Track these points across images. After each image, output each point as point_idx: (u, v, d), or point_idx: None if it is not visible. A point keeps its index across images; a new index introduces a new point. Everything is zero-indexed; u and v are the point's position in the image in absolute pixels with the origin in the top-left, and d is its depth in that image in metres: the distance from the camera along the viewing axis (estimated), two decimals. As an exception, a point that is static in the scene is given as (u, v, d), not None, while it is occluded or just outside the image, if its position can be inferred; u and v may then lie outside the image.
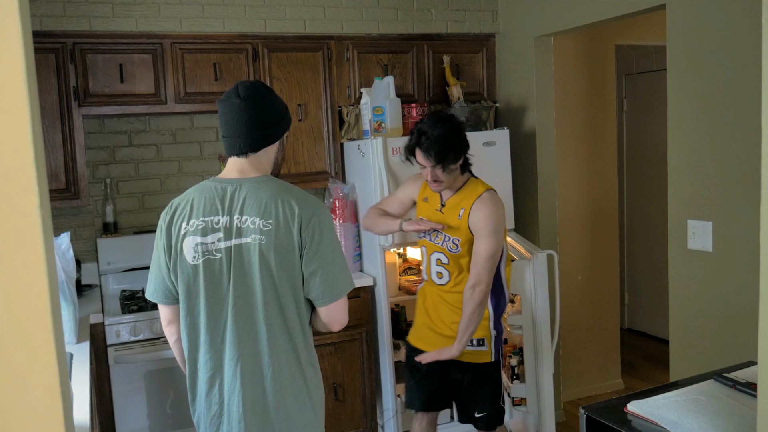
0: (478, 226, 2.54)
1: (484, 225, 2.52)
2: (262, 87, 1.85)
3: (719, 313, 2.72)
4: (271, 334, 1.78)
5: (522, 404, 3.22)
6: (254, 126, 1.81)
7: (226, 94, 1.84)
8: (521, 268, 3.12)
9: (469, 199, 2.59)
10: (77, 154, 3.16)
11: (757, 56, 1.09)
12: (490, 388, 2.71)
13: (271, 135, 1.85)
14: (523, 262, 3.13)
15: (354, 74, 3.63)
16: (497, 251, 2.55)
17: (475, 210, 2.55)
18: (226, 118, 1.82)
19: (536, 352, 3.16)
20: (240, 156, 1.84)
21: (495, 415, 2.73)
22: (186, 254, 1.80)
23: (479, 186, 2.61)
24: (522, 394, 3.21)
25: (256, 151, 1.84)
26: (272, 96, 1.86)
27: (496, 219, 2.53)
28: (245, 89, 1.82)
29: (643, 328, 5.29)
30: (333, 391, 3.38)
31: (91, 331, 2.88)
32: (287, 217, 1.75)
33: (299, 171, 3.55)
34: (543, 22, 3.58)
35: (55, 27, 3.09)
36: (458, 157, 2.54)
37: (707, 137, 2.71)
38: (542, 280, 3.13)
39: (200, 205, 1.80)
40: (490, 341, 2.67)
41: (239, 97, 1.80)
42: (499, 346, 2.71)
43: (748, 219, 2.57)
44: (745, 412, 1.41)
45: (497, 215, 2.54)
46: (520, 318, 3.16)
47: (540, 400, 3.17)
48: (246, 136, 1.81)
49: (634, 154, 5.25)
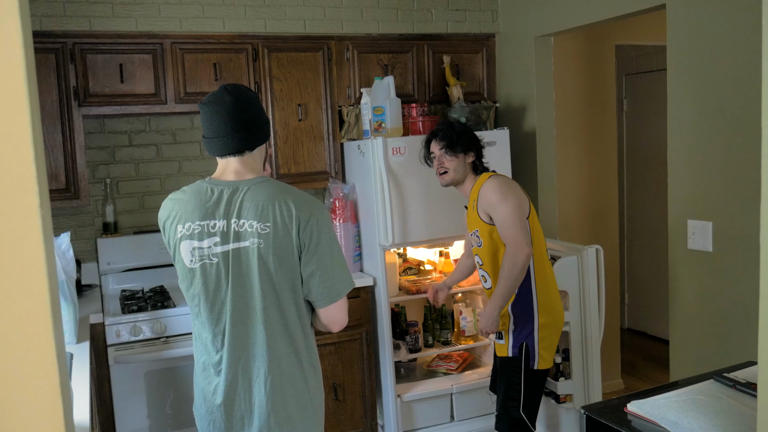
0: (487, 205, 2.59)
1: (490, 198, 2.58)
2: (247, 89, 1.86)
3: (719, 313, 2.72)
4: (270, 337, 1.77)
5: (567, 401, 3.20)
6: (250, 123, 1.80)
7: (211, 95, 1.79)
8: (569, 265, 3.09)
9: (476, 190, 2.66)
10: (77, 154, 3.16)
11: (757, 56, 1.09)
12: (504, 387, 2.67)
13: (264, 133, 1.85)
14: (571, 258, 3.10)
15: (354, 74, 3.63)
16: (518, 213, 2.54)
17: (480, 195, 2.62)
18: (218, 117, 1.77)
19: (585, 347, 3.15)
20: (235, 155, 1.80)
21: (505, 418, 2.66)
22: (183, 257, 1.79)
23: (485, 177, 2.68)
24: (570, 391, 3.18)
25: (252, 150, 1.82)
26: (257, 98, 1.87)
27: (500, 188, 2.57)
28: (235, 88, 1.80)
29: (643, 328, 5.29)
30: (333, 391, 3.38)
31: (91, 331, 2.88)
32: (285, 219, 1.73)
33: (299, 171, 3.55)
34: (543, 22, 3.58)
35: (55, 27, 3.09)
36: (466, 146, 2.66)
37: (707, 137, 2.71)
38: (591, 275, 3.11)
39: (195, 208, 1.78)
40: (508, 335, 2.65)
41: (231, 95, 1.77)
42: (519, 343, 2.62)
43: (748, 219, 2.56)
44: (745, 412, 1.41)
45: (499, 186, 2.58)
46: (568, 314, 3.11)
47: (588, 395, 3.16)
48: (242, 133, 1.78)
49: (634, 154, 5.25)
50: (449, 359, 3.69)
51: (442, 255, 3.77)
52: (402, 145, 3.29)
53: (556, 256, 3.12)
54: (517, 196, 2.59)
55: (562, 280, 3.04)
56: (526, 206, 2.62)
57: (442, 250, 3.76)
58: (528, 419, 2.64)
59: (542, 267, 2.66)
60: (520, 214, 2.55)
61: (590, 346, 3.14)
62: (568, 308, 3.11)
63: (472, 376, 3.59)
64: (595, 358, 3.15)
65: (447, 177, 2.70)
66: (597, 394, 3.17)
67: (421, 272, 3.77)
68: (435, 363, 3.70)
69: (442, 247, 3.73)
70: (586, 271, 3.10)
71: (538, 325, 2.63)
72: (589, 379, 3.16)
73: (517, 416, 2.64)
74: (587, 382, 3.16)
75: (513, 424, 2.65)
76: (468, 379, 3.56)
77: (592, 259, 3.11)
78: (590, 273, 3.10)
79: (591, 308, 3.11)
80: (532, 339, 2.62)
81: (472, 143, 2.70)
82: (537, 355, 2.62)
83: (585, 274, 3.10)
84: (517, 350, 2.63)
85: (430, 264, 3.83)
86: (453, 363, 3.66)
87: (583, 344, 3.14)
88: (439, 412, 3.49)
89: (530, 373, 2.63)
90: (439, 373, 3.63)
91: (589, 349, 3.15)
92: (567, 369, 3.17)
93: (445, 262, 3.72)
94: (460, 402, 3.50)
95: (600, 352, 3.20)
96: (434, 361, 3.72)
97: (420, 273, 3.76)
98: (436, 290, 3.00)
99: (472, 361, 3.75)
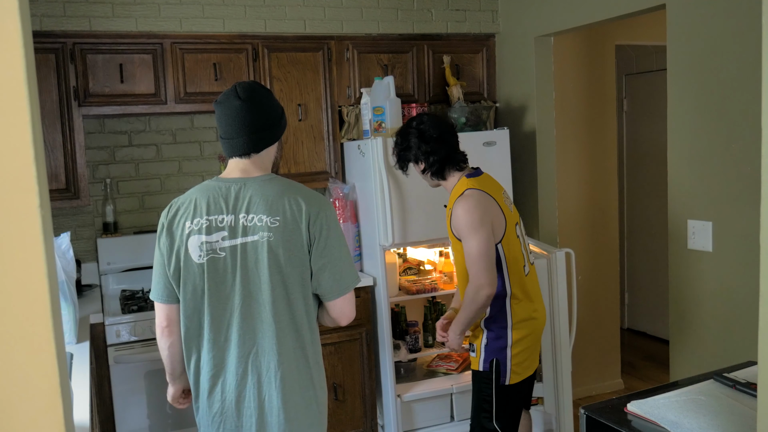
0: (457, 227, 2.46)
1: (460, 225, 2.43)
2: (260, 88, 1.86)
3: (719, 313, 2.72)
4: (280, 331, 1.79)
5: (539, 403, 3.20)
6: (256, 127, 1.82)
7: (224, 95, 1.84)
8: (538, 267, 3.06)
9: (452, 199, 2.52)
10: (77, 154, 3.16)
11: (757, 56, 1.09)
12: (476, 399, 2.60)
13: (271, 135, 1.87)
14: (541, 261, 3.11)
15: (354, 74, 3.63)
16: (485, 249, 2.38)
17: (452, 211, 2.48)
18: (226, 119, 1.82)
19: (554, 350, 3.14)
20: (242, 157, 1.85)
21: (478, 429, 2.59)
22: (192, 253, 1.80)
23: (463, 186, 2.50)
24: (540, 394, 3.18)
25: (259, 152, 1.85)
26: (271, 97, 1.87)
27: (471, 216, 2.40)
28: (244, 90, 1.82)
29: (643, 328, 5.29)
30: (333, 391, 3.38)
31: (91, 331, 2.88)
32: (294, 213, 1.77)
33: (299, 171, 3.55)
34: (543, 22, 3.58)
35: (55, 27, 3.09)
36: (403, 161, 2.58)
37: (707, 137, 2.71)
38: (561, 278, 3.11)
39: (204, 204, 1.81)
40: (480, 348, 2.55)
41: (239, 98, 1.80)
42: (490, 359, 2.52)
43: (748, 219, 2.56)
44: (745, 412, 1.41)
45: (470, 212, 2.41)
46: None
47: (559, 398, 3.16)
48: (248, 136, 1.82)
49: (634, 154, 5.25)
50: (449, 359, 3.69)
51: (442, 255, 3.77)
52: (402, 145, 3.29)
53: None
54: (487, 224, 2.40)
55: None
56: (500, 229, 2.46)
57: (442, 250, 3.76)
58: (503, 430, 2.56)
59: (519, 284, 2.52)
60: (488, 248, 2.39)
61: (560, 350, 3.13)
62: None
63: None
64: (566, 362, 3.13)
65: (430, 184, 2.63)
66: (567, 397, 3.16)
67: (421, 272, 3.77)
68: (435, 363, 3.69)
69: (442, 247, 3.73)
70: (555, 274, 3.09)
71: (512, 342, 2.51)
72: (559, 382, 3.15)
73: (490, 427, 2.56)
74: (558, 385, 3.16)
75: None
76: (468, 379, 3.55)
77: (562, 263, 3.11)
78: (560, 276, 3.10)
79: (560, 312, 3.10)
80: (504, 355, 2.51)
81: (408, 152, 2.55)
82: (509, 371, 2.52)
83: (553, 276, 3.09)
84: (487, 365, 2.53)
85: (430, 264, 3.83)
86: (453, 363, 3.66)
87: (552, 347, 3.14)
88: (439, 412, 3.49)
89: (501, 388, 2.53)
90: (439, 373, 3.63)
91: (558, 353, 3.14)
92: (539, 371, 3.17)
93: (445, 262, 3.72)
94: (460, 402, 3.49)
95: (571, 356, 3.18)
96: (434, 361, 3.71)
97: (420, 273, 3.76)
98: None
99: (472, 361, 3.75)
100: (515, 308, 2.51)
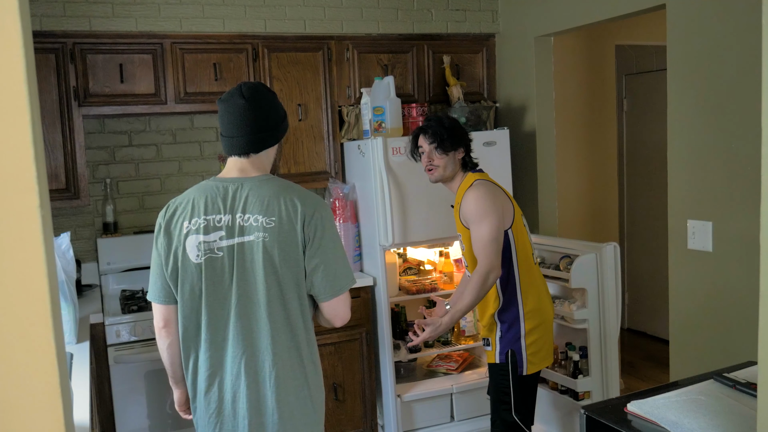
0: (466, 215, 2.53)
1: (470, 211, 2.50)
2: (264, 89, 1.87)
3: (719, 313, 2.72)
4: (274, 331, 1.79)
5: (586, 398, 3.18)
6: (258, 127, 1.82)
7: (228, 94, 1.84)
8: (588, 262, 3.08)
9: (460, 193, 2.59)
10: (77, 154, 3.16)
11: (757, 56, 1.09)
12: (495, 392, 2.65)
13: (272, 137, 1.87)
14: (589, 256, 3.09)
15: (354, 74, 3.63)
16: (495, 235, 2.45)
17: (462, 203, 2.56)
18: (229, 117, 1.83)
19: (602, 344, 3.14)
20: (242, 156, 1.85)
21: (499, 421, 2.64)
22: (189, 253, 1.80)
23: (471, 179, 2.58)
24: (588, 388, 3.17)
25: (258, 152, 1.86)
26: (275, 99, 1.88)
27: (481, 202, 2.47)
28: (249, 90, 1.82)
29: (643, 328, 5.28)
30: (333, 391, 3.38)
31: (91, 331, 2.88)
32: (290, 213, 1.77)
33: (299, 171, 3.55)
34: (543, 22, 3.58)
35: (55, 27, 3.09)
36: (455, 142, 2.58)
37: (707, 137, 2.71)
38: (609, 272, 3.10)
39: (201, 204, 1.81)
40: (495, 342, 2.62)
41: (243, 98, 1.81)
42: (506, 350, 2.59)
43: (748, 219, 2.56)
44: (745, 412, 1.41)
45: (480, 200, 2.48)
46: (586, 312, 3.11)
47: (607, 391, 3.16)
48: (249, 136, 1.82)
49: (634, 154, 5.25)
50: (449, 359, 3.69)
51: (442, 255, 3.77)
52: (402, 145, 3.29)
53: (574, 254, 3.12)
54: (498, 210, 2.48)
55: (581, 277, 3.05)
56: (509, 216, 2.53)
57: (442, 250, 3.76)
58: (522, 422, 2.61)
59: (528, 272, 2.59)
60: (498, 234, 2.46)
61: (608, 343, 3.15)
62: (587, 306, 3.11)
63: (472, 376, 3.58)
64: (613, 355, 3.16)
65: (436, 173, 2.61)
66: (615, 390, 3.17)
67: (421, 272, 3.76)
68: (435, 363, 3.70)
69: (442, 247, 3.73)
70: (605, 268, 3.10)
71: (525, 332, 2.57)
72: (607, 375, 3.17)
73: (510, 419, 2.61)
74: (605, 379, 3.17)
75: (507, 427, 2.63)
76: (468, 379, 3.56)
77: (611, 257, 3.12)
78: (608, 270, 3.11)
79: (609, 305, 3.11)
80: (519, 346, 2.58)
81: (462, 139, 2.61)
82: (525, 361, 2.58)
83: (604, 271, 3.10)
84: (504, 357, 2.59)
85: (430, 264, 3.83)
86: (453, 363, 3.66)
87: (601, 341, 3.15)
88: (439, 412, 3.50)
89: (519, 379, 2.59)
90: (439, 373, 3.63)
91: (607, 346, 3.15)
92: (585, 366, 3.17)
93: (445, 262, 3.72)
94: (460, 402, 3.50)
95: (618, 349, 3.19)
96: (434, 361, 3.72)
97: (420, 273, 3.76)
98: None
99: (472, 361, 3.75)
100: (525, 297, 2.58)
